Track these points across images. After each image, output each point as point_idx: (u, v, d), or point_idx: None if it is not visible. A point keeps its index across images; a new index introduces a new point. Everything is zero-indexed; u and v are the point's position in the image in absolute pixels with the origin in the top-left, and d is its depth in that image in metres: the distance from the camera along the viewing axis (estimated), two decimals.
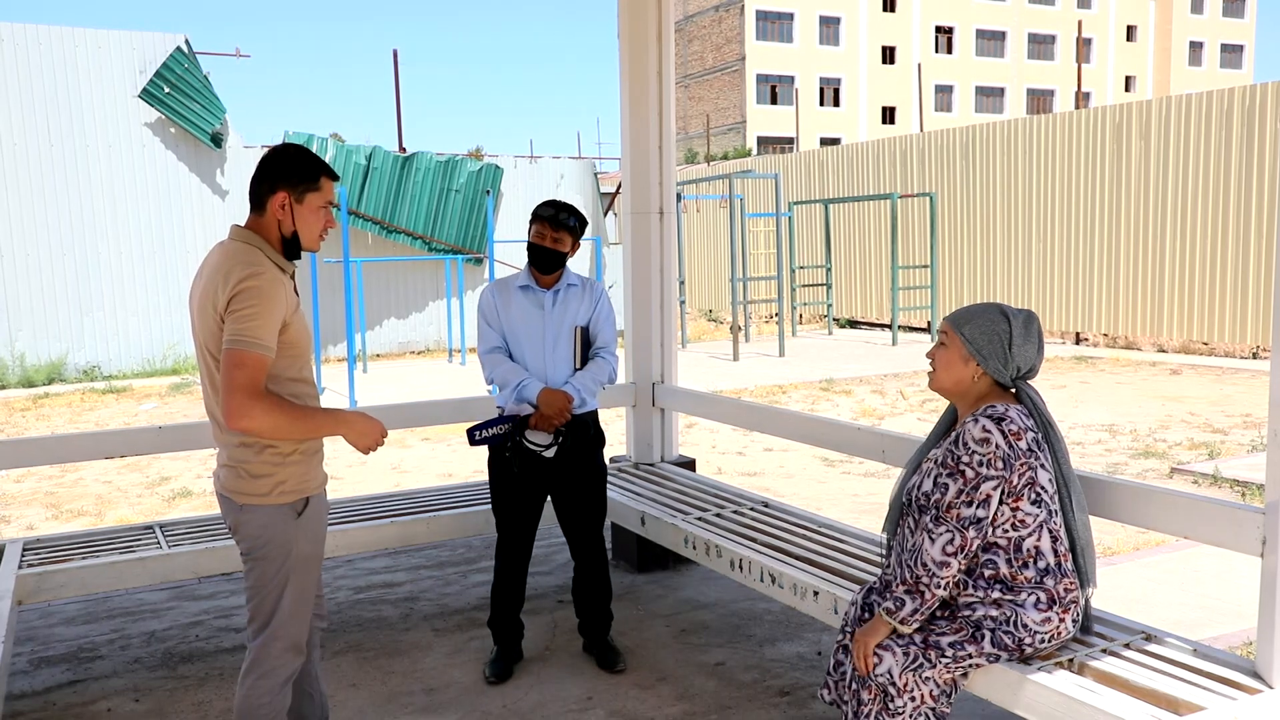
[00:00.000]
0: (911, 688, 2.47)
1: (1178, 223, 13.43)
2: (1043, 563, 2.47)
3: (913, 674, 2.47)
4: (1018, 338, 2.55)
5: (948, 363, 2.61)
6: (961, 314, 2.63)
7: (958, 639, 2.47)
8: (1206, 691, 2.39)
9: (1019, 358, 2.56)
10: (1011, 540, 2.46)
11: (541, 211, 3.58)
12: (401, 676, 3.73)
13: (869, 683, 2.50)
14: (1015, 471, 2.44)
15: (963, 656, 2.46)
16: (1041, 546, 2.47)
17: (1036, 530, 2.46)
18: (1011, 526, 2.45)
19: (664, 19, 4.88)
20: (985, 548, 2.48)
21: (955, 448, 2.50)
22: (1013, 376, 2.58)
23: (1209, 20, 59.31)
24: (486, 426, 3.50)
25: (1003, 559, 2.46)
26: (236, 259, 2.41)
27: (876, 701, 2.49)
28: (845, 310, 19.08)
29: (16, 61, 13.44)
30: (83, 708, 3.51)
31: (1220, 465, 7.02)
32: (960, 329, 2.59)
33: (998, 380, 2.58)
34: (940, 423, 2.73)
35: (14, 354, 13.54)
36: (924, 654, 2.47)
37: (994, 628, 2.46)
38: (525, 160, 17.49)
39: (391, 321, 16.37)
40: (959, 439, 2.50)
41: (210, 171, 14.73)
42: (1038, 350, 2.60)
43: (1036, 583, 2.46)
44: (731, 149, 47.78)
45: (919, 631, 2.50)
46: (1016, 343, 2.55)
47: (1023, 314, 2.60)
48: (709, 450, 8.22)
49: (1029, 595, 2.46)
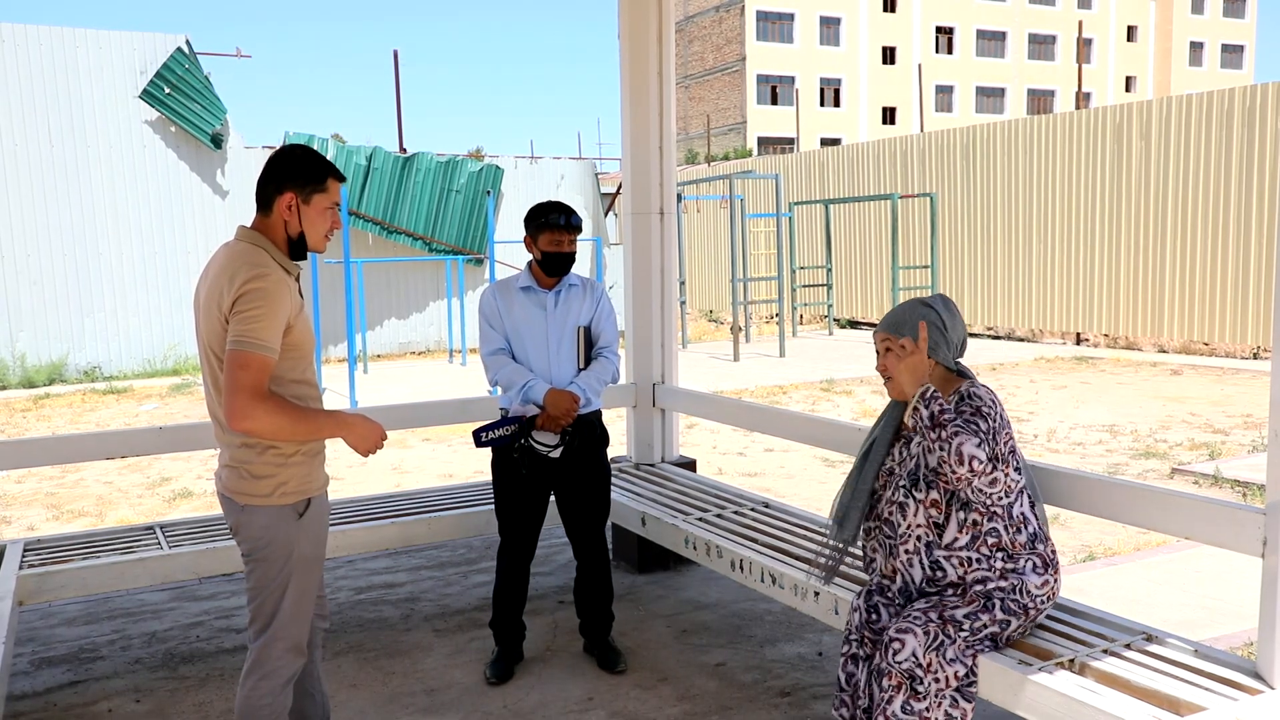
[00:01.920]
0: (936, 668, 2.51)
1: (1178, 223, 13.42)
2: (1030, 528, 2.63)
3: (935, 653, 2.51)
4: (947, 320, 2.73)
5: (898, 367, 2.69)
6: (892, 321, 2.75)
7: (971, 609, 2.57)
8: (1207, 692, 2.40)
9: (954, 334, 2.73)
10: (1006, 507, 2.59)
11: (554, 220, 3.55)
12: (402, 677, 3.73)
13: (890, 670, 2.51)
14: (1001, 440, 2.57)
15: (979, 627, 2.56)
16: (1026, 512, 2.63)
17: (1019, 496, 2.62)
18: (1005, 493, 2.56)
19: (664, 19, 4.88)
20: (988, 516, 2.58)
21: (969, 399, 2.62)
22: (955, 356, 2.74)
23: (1210, 20, 59.30)
24: (493, 428, 3.50)
25: (1002, 525, 2.59)
26: (242, 260, 2.41)
27: (903, 690, 2.50)
28: (846, 311, 19.08)
29: (17, 62, 13.44)
30: (84, 708, 3.51)
31: (1221, 466, 7.02)
32: (900, 333, 2.71)
33: (945, 365, 2.73)
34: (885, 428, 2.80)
35: (15, 354, 13.54)
36: (943, 630, 2.53)
37: (1003, 596, 2.58)
38: (526, 161, 17.49)
39: (392, 322, 16.38)
40: (966, 398, 2.63)
41: (211, 172, 14.74)
42: (962, 323, 2.78)
43: (1030, 548, 2.61)
44: (732, 149, 47.80)
45: (934, 609, 2.57)
46: (948, 325, 2.72)
47: (937, 298, 2.77)
48: (710, 451, 8.22)
49: (1026, 561, 2.60)
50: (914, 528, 2.64)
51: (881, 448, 2.78)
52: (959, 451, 2.47)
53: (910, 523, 2.64)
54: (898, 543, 2.67)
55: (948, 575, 2.61)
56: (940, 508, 2.61)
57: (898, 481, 2.69)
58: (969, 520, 2.58)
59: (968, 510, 2.58)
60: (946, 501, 2.60)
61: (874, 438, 2.82)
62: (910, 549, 2.65)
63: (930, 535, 2.62)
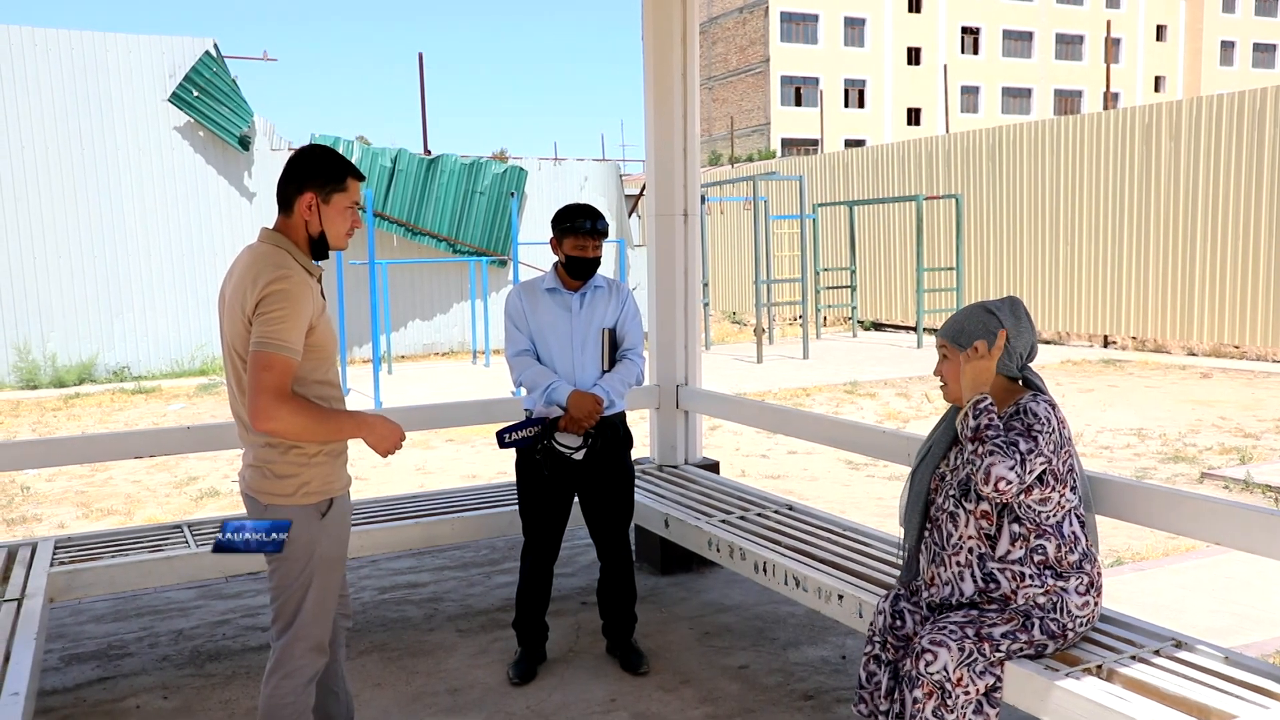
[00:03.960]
0: (966, 683, 2.48)
1: (1208, 225, 13.27)
2: (1080, 548, 2.57)
3: (966, 669, 2.49)
4: (1011, 328, 2.63)
5: (957, 374, 2.65)
6: (952, 326, 2.70)
7: (1009, 629, 2.53)
8: (1238, 700, 2.36)
9: (1019, 346, 2.64)
10: (1055, 525, 2.54)
11: (580, 225, 3.55)
12: (426, 676, 3.74)
13: (922, 679, 2.49)
14: (1059, 458, 2.51)
15: (1015, 649, 2.53)
16: (1078, 532, 2.57)
17: (1069, 516, 2.56)
18: (1055, 512, 2.52)
19: (688, 21, 4.88)
20: (1038, 532, 2.54)
21: (1022, 416, 2.54)
22: (1019, 365, 2.65)
23: (1241, 19, 58.57)
24: (516, 429, 3.51)
25: (1052, 544, 2.54)
26: (265, 261, 2.43)
27: (933, 698, 2.49)
28: (870, 313, 18.99)
29: (49, 66, 13.62)
30: (112, 704, 3.55)
31: (1252, 470, 6.92)
32: (957, 341, 2.65)
33: (1007, 375, 2.64)
34: (945, 430, 2.75)
35: (46, 355, 13.72)
36: (978, 647, 2.50)
37: (1042, 616, 2.54)
38: (549, 162, 17.53)
39: (416, 323, 16.46)
40: (1021, 412, 2.55)
41: (238, 174, 14.87)
42: (1031, 330, 2.68)
43: (1078, 567, 2.56)
44: (756, 151, 47.71)
45: (972, 625, 2.53)
46: (1012, 333, 2.62)
47: (1006, 303, 2.67)
48: (733, 452, 8.20)
49: (1074, 580, 2.55)
50: (965, 539, 2.59)
51: (939, 450, 2.73)
52: (987, 471, 2.44)
53: (962, 533, 2.59)
54: (949, 553, 2.62)
55: (1001, 588, 2.55)
56: (991, 519, 2.56)
57: (948, 490, 2.65)
58: (1020, 534, 2.54)
59: (1019, 524, 2.55)
60: (997, 514, 2.56)
61: (932, 441, 2.77)
62: (962, 561, 2.60)
63: (983, 547, 2.57)
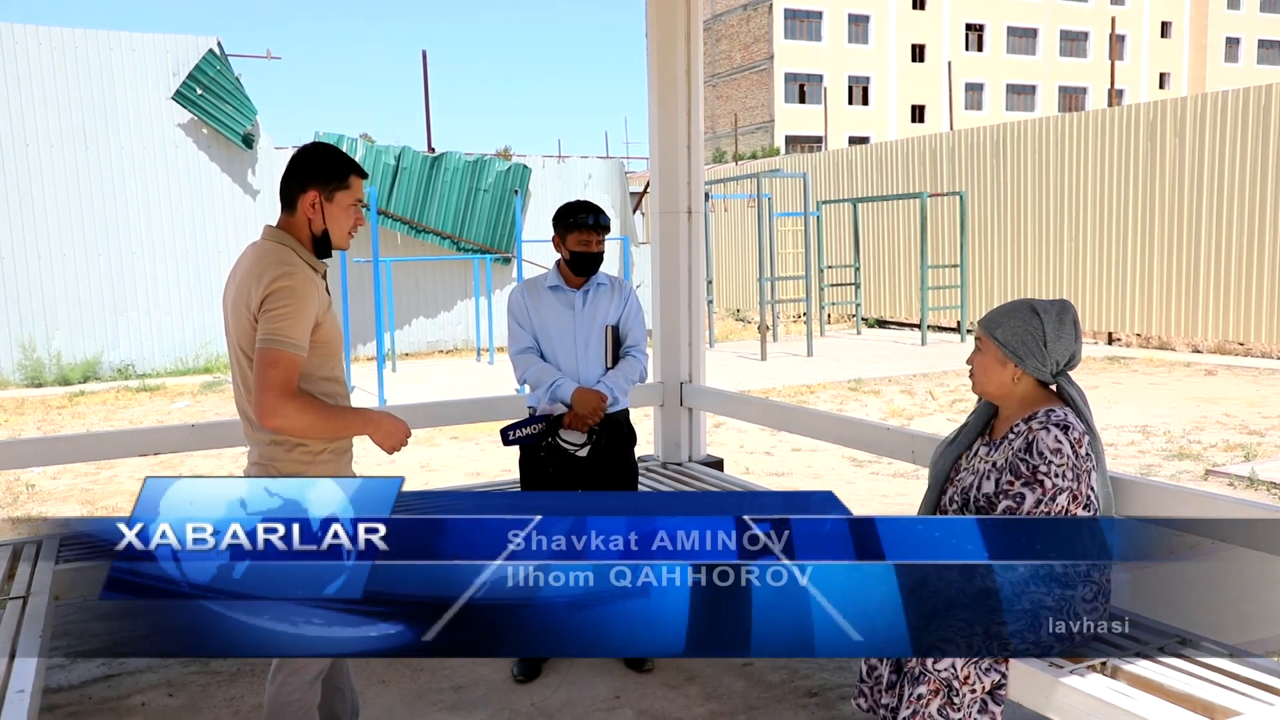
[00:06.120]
0: (973, 680, 2.49)
1: (1213, 221, 13.24)
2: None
3: (974, 666, 2.49)
4: (1051, 333, 2.55)
5: (985, 367, 2.62)
6: (993, 316, 2.63)
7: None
8: (1243, 697, 2.36)
9: (1056, 352, 2.56)
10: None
11: (583, 220, 3.59)
12: (430, 674, 3.75)
13: (928, 676, 2.50)
14: (1082, 480, 2.48)
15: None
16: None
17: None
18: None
19: (692, 18, 4.88)
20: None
21: (1029, 456, 2.49)
22: (1053, 372, 2.58)
23: (1246, 16, 58.40)
24: (520, 426, 3.52)
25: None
26: (269, 259, 2.44)
27: (939, 695, 2.49)
28: (874, 310, 18.98)
29: (54, 64, 13.64)
30: (117, 702, 3.57)
31: (1257, 467, 6.91)
32: (993, 332, 2.60)
33: (1039, 378, 2.59)
34: (976, 420, 2.72)
35: (50, 352, 13.75)
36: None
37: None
38: (553, 160, 17.54)
39: (420, 321, 16.47)
40: (1031, 447, 2.50)
41: (242, 172, 14.89)
42: (1075, 339, 2.59)
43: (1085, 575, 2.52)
44: (760, 148, 47.66)
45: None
46: (1051, 338, 2.55)
47: (1055, 306, 2.59)
48: (737, 450, 8.20)
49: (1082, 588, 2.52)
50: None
51: (965, 440, 2.71)
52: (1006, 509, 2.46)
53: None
54: None
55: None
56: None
57: (959, 486, 2.65)
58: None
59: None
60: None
61: (961, 430, 2.75)
62: None
63: None
